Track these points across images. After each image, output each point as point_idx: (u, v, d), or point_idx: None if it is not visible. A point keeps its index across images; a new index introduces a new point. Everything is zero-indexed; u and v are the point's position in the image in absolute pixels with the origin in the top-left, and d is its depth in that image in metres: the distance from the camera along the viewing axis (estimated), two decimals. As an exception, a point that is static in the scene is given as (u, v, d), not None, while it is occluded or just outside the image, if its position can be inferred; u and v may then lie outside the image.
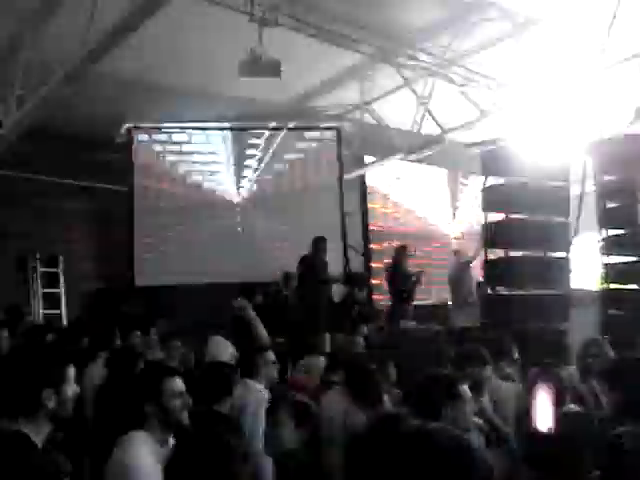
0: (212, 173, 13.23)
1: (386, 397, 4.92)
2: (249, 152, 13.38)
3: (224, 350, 7.23)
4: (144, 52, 9.03)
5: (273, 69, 8.22)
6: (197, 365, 7.28)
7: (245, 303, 8.46)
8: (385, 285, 11.80)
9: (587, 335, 9.05)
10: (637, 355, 5.16)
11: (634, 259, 9.60)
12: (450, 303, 11.92)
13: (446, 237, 15.52)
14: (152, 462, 3.28)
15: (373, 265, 14.01)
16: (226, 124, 13.18)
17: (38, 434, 2.79)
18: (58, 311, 11.76)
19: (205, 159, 13.26)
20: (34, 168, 11.46)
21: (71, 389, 2.96)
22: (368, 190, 14.45)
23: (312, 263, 10.30)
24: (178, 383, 3.69)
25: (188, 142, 13.17)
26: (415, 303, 11.13)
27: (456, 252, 12.42)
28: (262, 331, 8.00)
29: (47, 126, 10.09)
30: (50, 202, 11.92)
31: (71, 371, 3.01)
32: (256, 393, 5.02)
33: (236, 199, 13.23)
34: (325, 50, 9.17)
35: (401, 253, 11.19)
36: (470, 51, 10.34)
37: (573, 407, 4.29)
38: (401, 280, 10.90)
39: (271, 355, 5.52)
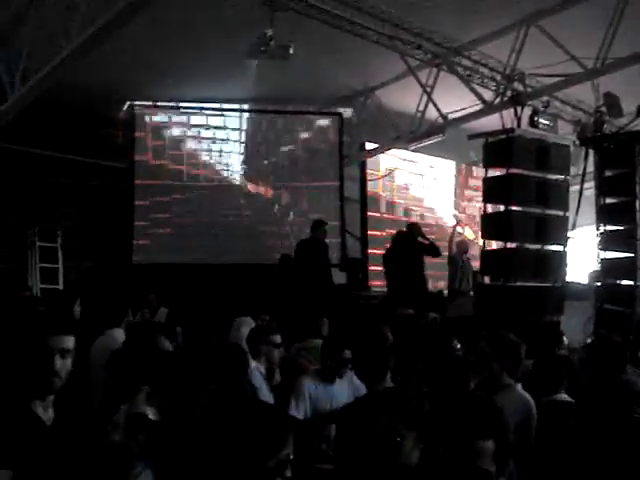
0: (215, 153, 13.24)
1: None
2: (251, 134, 13.43)
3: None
4: (153, 30, 9.02)
5: (282, 52, 8.27)
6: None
7: None
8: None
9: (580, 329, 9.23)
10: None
11: (630, 255, 9.68)
12: (446, 292, 11.98)
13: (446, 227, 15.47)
14: None
15: (370, 251, 14.00)
16: (229, 105, 13.18)
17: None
18: (56, 286, 11.77)
19: (209, 139, 13.24)
20: (35, 142, 11.47)
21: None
22: (370, 177, 14.36)
23: (312, 246, 10.37)
24: None
25: (192, 122, 13.16)
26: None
27: (459, 243, 12.38)
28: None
29: (49, 101, 10.10)
30: (51, 176, 11.89)
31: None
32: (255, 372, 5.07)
33: (237, 181, 13.27)
34: (334, 34, 9.17)
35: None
36: (476, 42, 10.41)
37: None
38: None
39: (276, 338, 5.57)
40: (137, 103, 12.64)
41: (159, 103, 12.88)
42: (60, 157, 11.82)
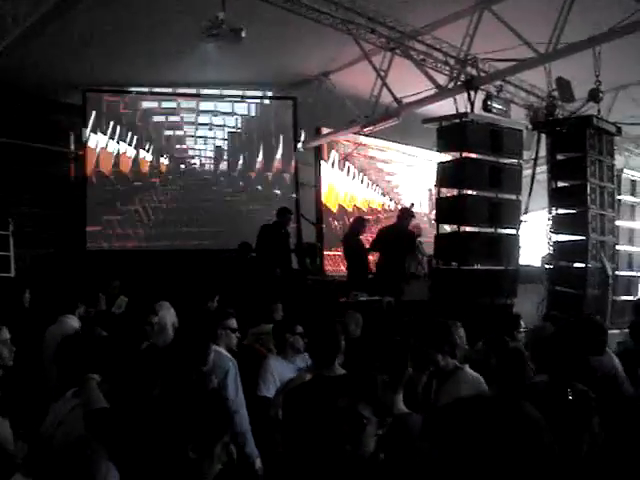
0: (169, 138, 13.08)
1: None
2: (207, 119, 13.31)
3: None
4: (102, 14, 8.89)
5: (234, 35, 8.21)
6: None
7: None
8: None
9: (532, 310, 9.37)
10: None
11: (581, 237, 9.83)
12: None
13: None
14: None
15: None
16: (183, 90, 13.04)
17: None
18: (8, 274, 11.54)
19: (165, 124, 13.09)
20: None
21: None
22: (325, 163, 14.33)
23: (274, 232, 10.46)
24: None
25: (145, 107, 12.99)
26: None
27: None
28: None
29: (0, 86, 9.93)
30: (1, 163, 11.66)
31: None
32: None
33: (191, 166, 13.16)
34: (287, 18, 9.12)
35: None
36: (429, 26, 10.42)
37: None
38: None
39: (232, 323, 5.54)
40: (90, 88, 12.38)
41: (111, 88, 12.66)
42: (11, 143, 11.59)
